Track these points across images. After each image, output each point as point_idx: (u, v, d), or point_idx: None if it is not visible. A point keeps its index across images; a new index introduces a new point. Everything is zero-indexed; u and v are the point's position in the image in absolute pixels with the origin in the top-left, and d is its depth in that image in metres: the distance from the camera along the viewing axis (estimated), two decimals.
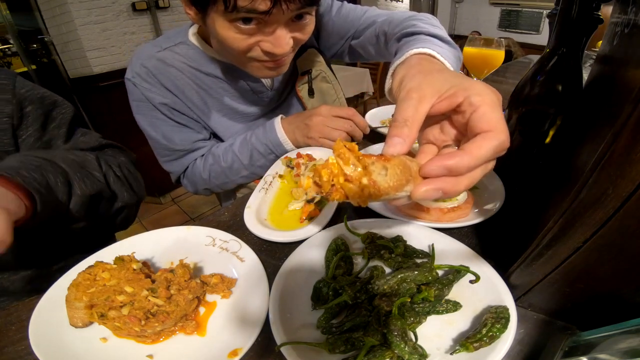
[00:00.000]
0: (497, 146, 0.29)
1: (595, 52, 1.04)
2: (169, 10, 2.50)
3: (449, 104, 0.33)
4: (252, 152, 0.76)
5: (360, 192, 0.27)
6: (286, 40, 0.60)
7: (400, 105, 0.34)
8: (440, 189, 0.29)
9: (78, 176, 0.56)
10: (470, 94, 0.31)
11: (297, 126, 0.74)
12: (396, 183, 0.28)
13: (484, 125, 0.30)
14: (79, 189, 0.55)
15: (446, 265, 0.41)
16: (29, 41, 2.32)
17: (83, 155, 0.61)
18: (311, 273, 0.43)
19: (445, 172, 0.29)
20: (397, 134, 0.33)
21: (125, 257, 0.41)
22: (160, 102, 0.75)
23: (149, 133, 0.80)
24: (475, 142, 0.30)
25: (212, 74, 0.77)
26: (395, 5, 5.15)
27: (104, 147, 0.71)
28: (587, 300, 0.34)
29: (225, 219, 0.57)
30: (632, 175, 0.23)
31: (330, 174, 0.28)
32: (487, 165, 0.32)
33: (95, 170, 0.61)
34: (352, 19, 0.84)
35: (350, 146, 0.29)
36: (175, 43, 0.75)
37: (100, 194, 0.60)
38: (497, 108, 0.31)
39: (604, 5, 0.42)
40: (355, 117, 0.74)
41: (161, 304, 0.37)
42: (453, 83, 0.33)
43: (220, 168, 0.80)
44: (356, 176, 0.27)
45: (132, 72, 0.74)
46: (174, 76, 0.75)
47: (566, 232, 0.29)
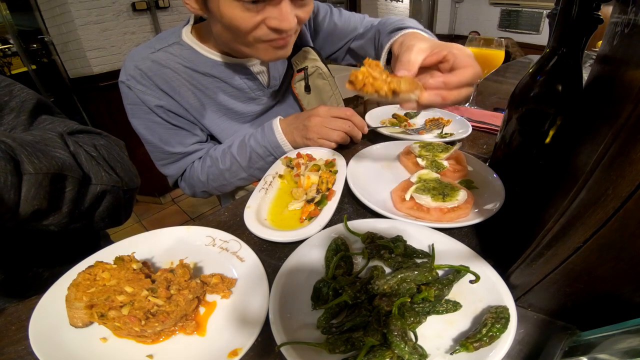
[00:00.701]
0: (474, 73, 0.47)
1: (595, 52, 1.04)
2: (169, 10, 2.50)
3: (437, 57, 0.49)
4: (251, 154, 0.76)
5: (387, 86, 0.44)
6: (292, 15, 0.61)
7: (403, 54, 0.52)
8: (439, 94, 0.46)
9: (28, 151, 0.44)
10: (452, 49, 0.49)
11: (296, 127, 0.74)
12: (409, 87, 0.45)
13: (464, 63, 0.47)
14: (29, 164, 0.43)
15: (446, 265, 0.41)
16: (29, 41, 2.32)
17: (42, 134, 0.51)
18: (311, 273, 0.43)
19: (441, 85, 0.47)
20: (402, 68, 0.49)
21: (125, 257, 0.41)
22: (156, 105, 0.74)
23: (145, 137, 0.79)
24: (459, 70, 0.47)
25: (208, 73, 0.76)
26: (395, 5, 5.15)
27: (77, 133, 0.61)
28: (587, 300, 0.33)
29: (225, 219, 0.57)
30: (632, 175, 0.23)
31: (364, 74, 0.44)
32: (468, 88, 0.48)
33: (59, 148, 0.50)
34: (354, 22, 0.92)
35: (376, 62, 0.45)
36: (169, 44, 0.75)
37: (64, 175, 0.48)
38: (471, 56, 0.49)
39: (604, 5, 0.42)
40: (354, 118, 0.74)
41: (161, 304, 0.37)
42: (439, 44, 0.52)
43: (219, 170, 0.80)
44: (382, 78, 0.44)
45: (126, 75, 0.73)
46: (169, 77, 0.74)
47: (566, 232, 0.29)
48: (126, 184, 0.61)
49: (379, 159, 0.69)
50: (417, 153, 0.66)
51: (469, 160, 0.66)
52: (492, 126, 0.88)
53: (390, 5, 5.06)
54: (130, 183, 0.62)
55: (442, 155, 0.65)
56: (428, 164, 0.63)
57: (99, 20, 2.20)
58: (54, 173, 0.46)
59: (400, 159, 0.69)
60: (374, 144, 0.74)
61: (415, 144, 0.69)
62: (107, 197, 0.57)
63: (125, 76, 0.74)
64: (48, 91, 2.43)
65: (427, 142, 0.69)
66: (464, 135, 0.80)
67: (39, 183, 0.44)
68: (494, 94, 1.24)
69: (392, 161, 0.70)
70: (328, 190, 0.58)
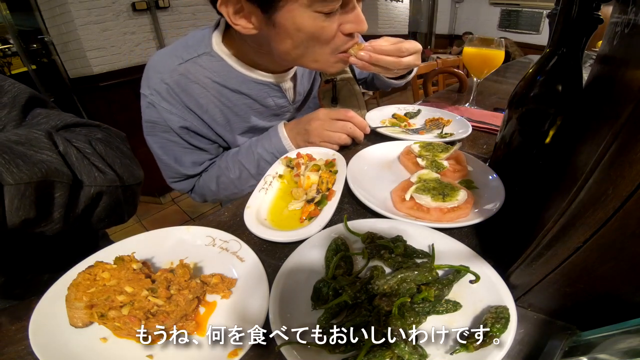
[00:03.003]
0: (414, 45, 0.69)
1: (595, 52, 1.04)
2: (169, 10, 2.49)
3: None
4: (259, 161, 0.75)
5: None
6: (363, 17, 0.62)
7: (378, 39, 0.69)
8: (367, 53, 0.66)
9: (5, 159, 0.40)
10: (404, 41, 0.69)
11: (298, 132, 0.74)
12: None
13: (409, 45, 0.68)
14: (8, 174, 0.39)
15: (446, 265, 0.41)
16: (29, 41, 2.32)
17: (27, 134, 0.46)
18: (311, 273, 0.43)
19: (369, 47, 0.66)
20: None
21: (125, 257, 0.41)
22: (180, 126, 0.71)
23: (159, 156, 0.77)
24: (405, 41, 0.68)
25: (238, 90, 0.72)
26: (395, 5, 5.15)
27: (73, 126, 0.57)
28: (587, 300, 0.33)
29: (225, 219, 0.57)
30: (632, 175, 0.23)
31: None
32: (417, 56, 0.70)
33: (45, 149, 0.46)
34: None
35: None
36: (199, 54, 0.69)
37: (50, 181, 0.44)
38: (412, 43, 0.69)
39: (604, 5, 0.42)
40: (354, 119, 0.74)
41: (161, 304, 0.37)
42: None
43: (229, 179, 0.79)
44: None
45: (150, 89, 0.68)
46: (197, 94, 0.70)
47: (566, 232, 0.29)
48: (126, 181, 0.57)
49: (379, 159, 0.69)
50: (417, 153, 0.66)
51: (469, 160, 0.66)
52: (492, 126, 0.88)
53: (390, 5, 5.06)
54: (130, 179, 0.58)
55: (442, 155, 0.65)
56: (428, 164, 0.63)
57: (99, 20, 2.20)
58: (37, 181, 0.42)
59: (400, 159, 0.69)
60: (374, 144, 0.74)
61: (415, 144, 0.69)
62: (104, 198, 0.54)
63: (149, 90, 0.69)
64: (48, 91, 2.43)
65: (427, 142, 0.69)
66: (464, 135, 0.80)
67: (21, 194, 0.40)
68: (494, 94, 1.24)
69: (392, 161, 0.70)
70: (328, 190, 0.58)
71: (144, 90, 0.70)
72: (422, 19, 6.46)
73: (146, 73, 0.71)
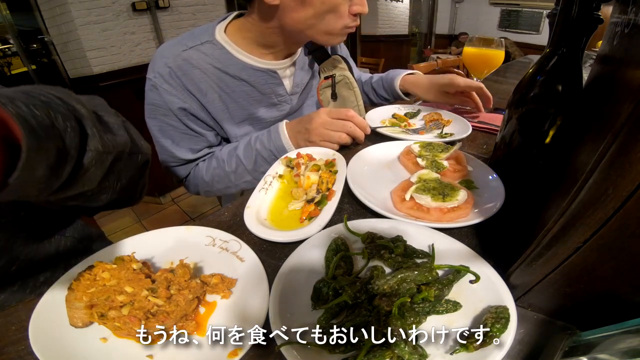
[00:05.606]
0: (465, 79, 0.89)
1: (595, 52, 1.04)
2: (169, 10, 2.49)
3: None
4: (257, 157, 0.76)
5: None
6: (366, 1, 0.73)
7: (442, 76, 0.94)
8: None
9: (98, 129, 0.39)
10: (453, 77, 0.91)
11: (299, 131, 0.74)
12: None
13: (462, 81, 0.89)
14: (99, 142, 0.38)
15: (446, 265, 0.41)
16: (29, 41, 2.32)
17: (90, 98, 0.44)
18: (311, 273, 0.43)
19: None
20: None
21: (125, 257, 0.41)
22: (179, 107, 0.74)
23: (157, 139, 0.79)
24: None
25: (237, 76, 0.77)
26: (395, 5, 5.15)
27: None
28: (587, 300, 0.33)
29: (225, 219, 0.57)
30: (632, 175, 0.23)
31: None
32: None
33: (111, 113, 0.45)
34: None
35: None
36: (202, 42, 0.74)
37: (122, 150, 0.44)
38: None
39: (604, 5, 0.42)
40: (355, 118, 0.74)
41: (161, 304, 0.37)
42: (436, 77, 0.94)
43: (224, 172, 0.80)
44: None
45: (154, 72, 0.72)
46: (198, 78, 0.74)
47: (566, 232, 0.29)
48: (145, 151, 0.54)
49: (379, 159, 0.69)
50: (417, 153, 0.66)
51: (469, 160, 0.66)
52: (492, 126, 0.88)
53: (390, 5, 5.06)
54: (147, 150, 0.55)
55: (442, 155, 0.65)
56: (428, 164, 0.63)
57: (99, 20, 2.19)
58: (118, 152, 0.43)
59: (400, 159, 0.69)
60: (374, 144, 0.74)
61: (415, 144, 0.69)
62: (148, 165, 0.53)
63: (153, 73, 0.72)
64: None
65: (427, 142, 0.69)
66: (464, 135, 0.80)
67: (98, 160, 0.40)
68: (494, 94, 1.23)
69: (392, 161, 0.70)
70: (328, 190, 0.58)
71: (149, 74, 0.73)
72: (422, 19, 6.46)
73: (153, 59, 0.75)
